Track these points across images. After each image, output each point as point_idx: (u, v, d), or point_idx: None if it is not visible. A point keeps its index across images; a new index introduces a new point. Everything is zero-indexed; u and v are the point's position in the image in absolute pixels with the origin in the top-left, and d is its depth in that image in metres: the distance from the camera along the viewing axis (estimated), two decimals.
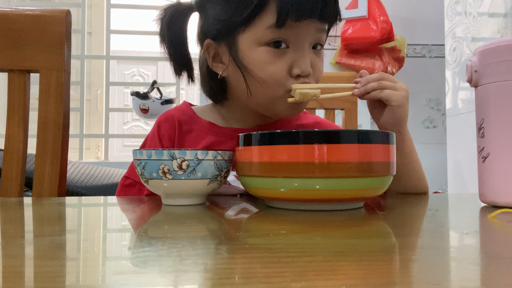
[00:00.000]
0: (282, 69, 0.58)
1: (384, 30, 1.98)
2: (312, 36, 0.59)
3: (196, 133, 0.68)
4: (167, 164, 0.46)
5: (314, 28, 0.59)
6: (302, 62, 0.58)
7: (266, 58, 0.58)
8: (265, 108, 0.64)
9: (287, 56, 0.58)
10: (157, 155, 0.46)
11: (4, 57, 0.72)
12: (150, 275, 0.22)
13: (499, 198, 0.47)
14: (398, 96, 0.58)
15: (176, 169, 0.46)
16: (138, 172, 0.49)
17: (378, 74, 0.59)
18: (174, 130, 0.68)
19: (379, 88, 0.58)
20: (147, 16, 3.00)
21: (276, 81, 0.59)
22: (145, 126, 3.08)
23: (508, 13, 1.38)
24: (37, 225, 0.39)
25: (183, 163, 0.46)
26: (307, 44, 0.59)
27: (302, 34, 0.58)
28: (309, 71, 0.59)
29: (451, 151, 1.74)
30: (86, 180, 1.49)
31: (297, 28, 0.57)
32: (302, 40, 0.59)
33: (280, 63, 0.58)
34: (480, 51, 0.49)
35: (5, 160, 0.71)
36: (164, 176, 0.46)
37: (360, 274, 0.22)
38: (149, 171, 0.47)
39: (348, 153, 0.40)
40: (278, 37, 0.58)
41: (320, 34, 0.60)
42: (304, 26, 0.57)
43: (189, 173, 0.46)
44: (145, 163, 0.47)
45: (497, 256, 0.26)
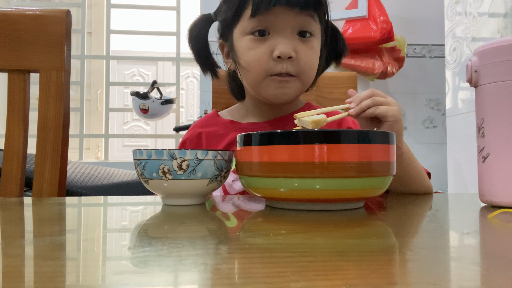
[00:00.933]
0: (263, 53, 0.64)
1: (384, 30, 1.98)
2: (293, 22, 0.64)
3: (220, 131, 0.74)
4: (167, 164, 0.46)
5: (293, 15, 0.63)
6: (282, 45, 0.63)
7: (250, 45, 0.65)
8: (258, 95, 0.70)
9: (269, 41, 0.64)
10: (157, 155, 0.46)
11: (4, 57, 0.72)
12: (150, 275, 0.22)
13: (499, 198, 0.47)
14: (394, 111, 0.58)
15: (176, 169, 0.46)
16: (138, 172, 0.49)
17: (369, 91, 0.59)
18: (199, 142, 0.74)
19: (373, 105, 0.57)
20: (147, 16, 3.01)
21: (258, 64, 0.65)
22: (145, 126, 3.08)
23: (508, 13, 1.38)
24: (37, 225, 0.39)
25: (183, 163, 0.46)
26: (288, 30, 0.64)
27: (281, 21, 0.63)
28: (289, 54, 0.63)
29: (451, 151, 1.74)
30: (86, 180, 1.49)
31: (275, 16, 0.63)
32: (282, 26, 0.64)
33: (261, 47, 0.64)
34: (480, 51, 0.49)
35: (5, 160, 0.71)
36: (164, 176, 0.46)
37: (360, 274, 0.22)
38: (149, 171, 0.47)
39: (348, 153, 0.40)
40: (258, 25, 0.64)
41: (302, 20, 0.64)
42: (281, 13, 0.63)
43: (189, 173, 0.46)
44: (145, 163, 0.47)
45: (497, 256, 0.26)
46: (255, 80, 0.67)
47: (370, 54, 2.08)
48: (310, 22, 0.65)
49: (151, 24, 2.69)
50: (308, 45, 0.66)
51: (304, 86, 0.70)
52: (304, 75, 0.67)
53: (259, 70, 0.65)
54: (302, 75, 0.67)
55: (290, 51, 0.63)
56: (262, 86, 0.67)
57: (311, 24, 0.66)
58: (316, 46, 0.69)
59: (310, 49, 0.67)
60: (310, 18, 0.65)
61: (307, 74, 0.68)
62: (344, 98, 0.98)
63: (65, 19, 0.73)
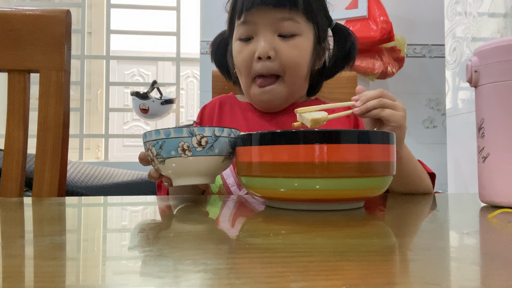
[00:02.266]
0: (247, 55, 0.70)
1: (384, 30, 1.98)
2: (272, 25, 0.68)
3: (239, 111, 0.79)
4: (187, 141, 0.47)
5: (271, 18, 0.68)
6: (260, 47, 0.68)
7: (238, 49, 0.72)
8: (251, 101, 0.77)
9: (251, 45, 0.70)
10: (176, 133, 0.47)
11: (4, 57, 0.72)
12: (150, 275, 0.22)
13: (499, 198, 0.47)
14: (398, 116, 0.57)
15: (196, 146, 0.47)
16: (152, 153, 0.49)
17: (378, 92, 0.59)
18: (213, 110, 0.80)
19: (379, 107, 0.57)
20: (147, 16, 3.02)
21: (245, 66, 0.70)
22: (145, 126, 3.08)
23: (508, 13, 1.38)
24: (37, 225, 0.39)
25: (202, 140, 0.47)
26: (268, 32, 0.69)
27: (261, 24, 0.68)
28: (267, 53, 0.68)
29: (451, 151, 1.74)
30: (86, 180, 1.49)
31: (255, 20, 0.68)
32: (262, 30, 0.69)
33: (246, 51, 0.70)
34: (480, 51, 0.49)
35: (5, 160, 0.71)
36: (183, 153, 0.47)
37: (360, 274, 0.22)
38: (167, 150, 0.47)
39: (348, 153, 0.40)
40: (243, 32, 0.70)
41: (281, 23, 0.68)
42: (260, 17, 0.68)
43: (207, 150, 0.47)
44: (163, 142, 0.47)
45: (497, 256, 0.26)
46: (245, 83, 0.73)
47: (370, 54, 2.08)
48: (291, 23, 0.69)
49: (151, 24, 2.69)
50: (290, 43, 0.69)
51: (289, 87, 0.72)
52: (287, 73, 0.70)
53: (246, 72, 0.71)
54: (285, 73, 0.70)
55: (268, 51, 0.68)
56: (251, 92, 0.73)
57: (292, 25, 0.69)
58: (302, 44, 0.70)
59: (293, 47, 0.69)
60: (290, 19, 0.68)
61: (290, 72, 0.70)
62: (344, 98, 0.98)
63: (65, 19, 0.73)
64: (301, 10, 0.69)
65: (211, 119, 0.79)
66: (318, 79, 0.80)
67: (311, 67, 0.75)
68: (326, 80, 0.81)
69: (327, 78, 0.81)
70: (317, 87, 0.82)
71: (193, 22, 2.52)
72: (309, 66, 0.74)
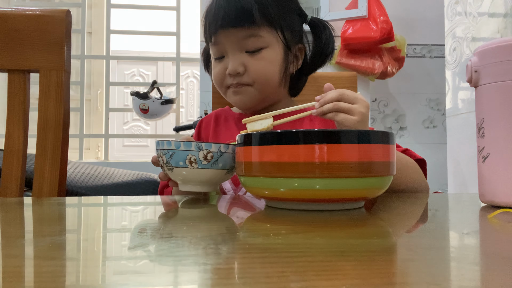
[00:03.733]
0: (220, 71, 0.76)
1: (384, 30, 1.97)
2: (237, 44, 0.73)
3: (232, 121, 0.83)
4: (194, 154, 0.51)
5: (235, 38, 0.73)
6: (230, 64, 0.74)
7: (214, 66, 0.78)
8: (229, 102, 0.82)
9: (223, 62, 0.76)
10: (185, 146, 0.51)
11: (4, 57, 0.72)
12: (150, 275, 0.22)
13: (499, 198, 0.47)
14: (351, 121, 0.60)
15: (202, 159, 0.51)
16: (162, 161, 0.54)
17: (337, 93, 0.61)
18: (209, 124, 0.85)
19: (334, 111, 0.60)
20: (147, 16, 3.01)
21: (219, 80, 0.77)
22: (145, 126, 3.08)
23: (508, 13, 1.38)
24: (37, 225, 0.39)
25: (208, 154, 0.51)
26: (236, 50, 0.74)
27: (228, 45, 0.74)
28: (236, 70, 0.73)
29: (451, 151, 1.74)
30: (86, 180, 1.49)
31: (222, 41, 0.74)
32: (230, 49, 0.74)
33: (218, 67, 0.77)
34: (480, 51, 0.49)
35: (5, 160, 0.71)
36: (190, 165, 0.51)
37: (360, 274, 0.22)
38: (176, 160, 0.52)
39: (348, 153, 0.40)
40: (215, 52, 0.76)
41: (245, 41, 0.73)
42: (226, 38, 0.73)
43: (212, 164, 0.52)
44: (173, 153, 0.52)
45: (497, 256, 0.26)
46: (222, 93, 0.79)
47: (370, 54, 2.08)
48: (254, 39, 0.73)
49: (151, 24, 2.69)
50: (258, 57, 0.74)
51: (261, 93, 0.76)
52: (257, 84, 0.75)
53: (221, 85, 0.77)
54: (255, 84, 0.75)
55: (237, 67, 0.73)
56: (227, 97, 0.79)
57: (255, 41, 0.73)
58: (270, 56, 0.75)
59: (261, 61, 0.74)
60: (253, 36, 0.72)
61: (259, 82, 0.75)
62: None
63: (65, 19, 0.73)
64: (262, 23, 0.72)
65: (208, 131, 0.84)
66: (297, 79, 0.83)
67: (286, 71, 0.78)
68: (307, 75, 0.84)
69: (307, 74, 0.83)
70: (298, 87, 0.84)
71: (193, 22, 2.52)
72: (280, 73, 0.77)
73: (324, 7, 2.09)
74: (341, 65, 2.10)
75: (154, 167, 0.80)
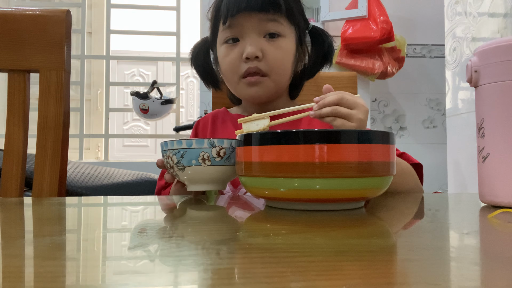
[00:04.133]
0: (235, 57, 0.72)
1: (384, 30, 1.98)
2: (258, 26, 0.70)
3: (230, 122, 0.82)
4: (207, 151, 0.51)
5: (256, 19, 0.70)
6: (248, 47, 0.70)
7: (225, 52, 0.73)
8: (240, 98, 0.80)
9: (239, 46, 0.72)
10: (198, 144, 0.51)
11: (4, 57, 0.72)
12: (150, 275, 0.22)
13: (499, 198, 0.47)
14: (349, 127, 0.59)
15: (215, 156, 0.51)
16: (172, 161, 0.53)
17: (336, 97, 0.60)
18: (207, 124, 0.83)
19: (332, 115, 0.59)
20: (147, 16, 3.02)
21: (232, 68, 0.72)
22: (145, 126, 3.08)
23: (508, 13, 1.38)
24: (37, 225, 0.39)
25: (221, 151, 0.51)
26: (255, 33, 0.71)
27: (247, 26, 0.70)
28: (254, 54, 0.70)
29: (451, 151, 1.74)
30: (86, 180, 1.49)
31: (241, 22, 0.70)
32: (248, 31, 0.71)
33: (233, 53, 0.72)
34: (480, 51, 0.49)
35: (5, 160, 0.71)
36: (203, 162, 0.51)
37: (360, 274, 0.22)
38: (188, 159, 0.51)
39: (348, 153, 0.40)
40: (229, 34, 0.72)
41: (266, 23, 0.71)
42: (246, 19, 0.70)
43: (225, 160, 0.52)
44: (184, 152, 0.51)
45: (497, 256, 0.26)
46: (232, 84, 0.75)
47: (370, 54, 2.08)
48: (275, 24, 0.71)
49: (151, 24, 2.69)
50: (276, 45, 0.72)
51: (276, 85, 0.74)
52: (274, 73, 0.72)
53: (233, 74, 0.73)
54: (272, 73, 0.72)
55: (256, 51, 0.70)
56: (238, 89, 0.75)
57: (276, 25, 0.72)
58: (286, 46, 0.73)
59: (278, 49, 0.72)
60: (274, 20, 0.71)
61: (276, 72, 0.73)
62: None
63: (65, 19, 0.73)
64: (284, 13, 0.72)
65: (205, 133, 0.83)
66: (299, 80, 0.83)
67: (294, 68, 0.78)
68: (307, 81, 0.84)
69: (307, 78, 0.84)
70: (298, 88, 0.85)
71: (193, 22, 2.52)
72: (292, 67, 0.77)
73: (324, 7, 2.09)
74: (341, 65, 2.10)
75: (154, 167, 0.81)
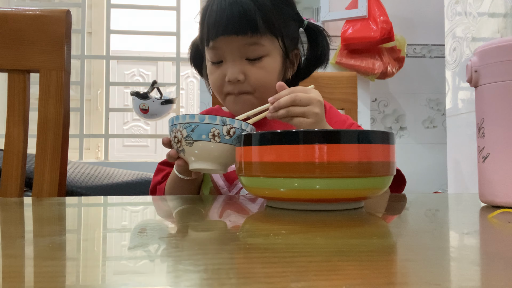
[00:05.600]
0: (218, 78, 0.74)
1: (384, 30, 1.98)
2: (238, 51, 0.71)
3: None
4: (218, 128, 0.52)
5: (236, 45, 0.70)
6: (229, 71, 0.71)
7: (210, 71, 0.75)
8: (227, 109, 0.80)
9: (222, 68, 0.73)
10: (210, 119, 0.52)
11: (4, 57, 0.72)
12: (150, 275, 0.22)
13: (499, 198, 0.47)
14: (306, 124, 0.60)
15: (225, 134, 0.52)
16: (181, 135, 0.53)
17: (289, 98, 0.60)
18: None
19: (288, 116, 0.60)
20: (147, 16, 3.01)
21: (217, 87, 0.75)
22: (145, 126, 3.08)
23: (508, 13, 1.38)
24: (37, 225, 0.39)
25: (231, 130, 0.52)
26: (237, 57, 0.72)
27: (227, 51, 0.71)
28: (236, 78, 0.71)
29: (451, 151, 1.74)
30: (86, 180, 1.49)
31: (222, 47, 0.71)
32: (229, 56, 0.72)
33: (217, 73, 0.74)
34: (480, 51, 0.49)
35: (5, 160, 0.71)
36: (213, 138, 0.52)
37: (360, 274, 0.22)
38: (198, 133, 0.52)
39: (348, 153, 0.40)
40: (213, 56, 0.73)
41: (247, 48, 0.71)
42: (226, 45, 0.71)
43: (233, 139, 0.52)
44: (196, 126, 0.52)
45: (497, 256, 0.26)
46: (220, 99, 0.77)
47: (370, 54, 2.08)
48: (255, 47, 0.71)
49: (151, 24, 2.69)
50: (258, 65, 0.73)
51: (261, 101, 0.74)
52: (258, 91, 0.73)
53: (218, 92, 0.75)
54: (256, 92, 0.73)
55: (237, 75, 0.71)
56: (225, 103, 0.77)
57: (257, 48, 0.71)
58: (269, 65, 0.73)
59: (261, 69, 0.73)
60: (255, 44, 0.71)
61: (260, 91, 0.74)
62: (344, 98, 0.98)
63: (65, 19, 0.73)
64: (263, 32, 0.71)
65: None
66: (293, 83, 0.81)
67: (284, 78, 0.78)
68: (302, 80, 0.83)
69: (302, 78, 0.83)
70: None
71: (193, 22, 2.52)
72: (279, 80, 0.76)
73: (324, 7, 2.09)
74: (341, 65, 2.10)
75: (155, 167, 0.81)
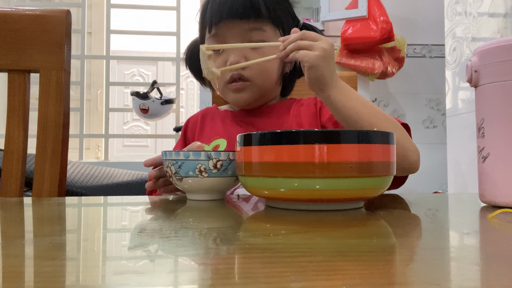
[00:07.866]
0: (220, 64, 0.73)
1: (384, 30, 1.98)
2: (240, 36, 0.72)
3: (218, 118, 0.83)
4: (204, 163, 0.51)
5: (239, 30, 0.72)
6: (231, 56, 0.72)
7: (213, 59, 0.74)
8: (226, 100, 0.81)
9: (223, 54, 0.74)
10: (195, 156, 0.51)
11: (4, 57, 0.72)
12: (150, 275, 0.22)
13: (499, 198, 0.47)
14: (311, 56, 0.58)
15: (212, 168, 0.51)
16: (170, 171, 0.53)
17: (298, 34, 0.60)
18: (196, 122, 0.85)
19: (295, 49, 0.59)
20: (147, 16, 3.01)
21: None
22: (145, 126, 3.08)
23: (508, 13, 1.38)
24: (37, 225, 0.39)
25: (218, 163, 0.51)
26: (238, 42, 0.72)
27: (231, 35, 0.72)
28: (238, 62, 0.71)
29: (451, 151, 1.74)
30: (86, 180, 1.49)
31: (224, 33, 0.72)
32: (232, 40, 0.73)
33: (218, 60, 0.74)
34: (480, 51, 0.49)
35: (5, 160, 0.71)
36: (200, 174, 0.51)
37: (360, 274, 0.22)
38: (185, 170, 0.52)
39: (348, 153, 0.40)
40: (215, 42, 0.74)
41: (249, 33, 0.72)
42: (228, 30, 0.72)
43: (222, 172, 0.52)
44: (182, 163, 0.52)
45: (497, 256, 0.26)
46: (219, 89, 0.78)
47: (370, 54, 2.08)
48: (258, 32, 0.73)
49: (151, 24, 2.69)
50: (260, 51, 0.73)
51: (261, 89, 0.76)
52: (258, 78, 0.74)
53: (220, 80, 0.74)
54: (256, 79, 0.74)
55: (239, 59, 0.71)
56: (224, 94, 0.77)
57: (259, 33, 0.73)
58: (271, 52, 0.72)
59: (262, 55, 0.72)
60: (257, 29, 0.72)
61: (260, 78, 0.74)
62: None
63: (65, 19, 0.73)
64: (266, 18, 0.72)
65: (194, 129, 0.85)
66: (290, 80, 0.83)
67: (282, 70, 0.79)
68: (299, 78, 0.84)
69: (299, 76, 0.84)
70: (289, 87, 0.85)
71: (193, 22, 2.52)
72: (279, 71, 0.78)
73: (324, 7, 2.09)
74: (341, 65, 2.10)
75: None
